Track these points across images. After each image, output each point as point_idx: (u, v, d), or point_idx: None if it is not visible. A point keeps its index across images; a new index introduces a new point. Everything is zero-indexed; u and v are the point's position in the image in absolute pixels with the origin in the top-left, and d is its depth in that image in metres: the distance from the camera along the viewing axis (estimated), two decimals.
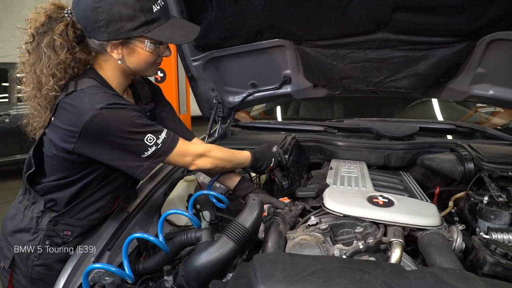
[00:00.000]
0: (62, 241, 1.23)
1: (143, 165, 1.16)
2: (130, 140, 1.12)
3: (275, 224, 1.23)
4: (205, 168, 1.32)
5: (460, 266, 1.01)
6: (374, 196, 1.26)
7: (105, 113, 1.08)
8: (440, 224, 1.15)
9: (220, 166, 1.35)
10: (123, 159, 1.15)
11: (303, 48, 1.79)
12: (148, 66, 1.21)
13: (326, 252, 1.13)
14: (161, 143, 1.16)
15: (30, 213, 1.23)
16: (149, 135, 1.14)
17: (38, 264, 1.22)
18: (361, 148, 1.91)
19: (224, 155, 1.35)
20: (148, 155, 1.15)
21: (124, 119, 1.11)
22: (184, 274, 1.11)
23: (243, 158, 1.42)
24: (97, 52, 1.19)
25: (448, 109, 2.91)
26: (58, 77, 1.14)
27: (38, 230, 1.21)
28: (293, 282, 0.94)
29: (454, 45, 1.60)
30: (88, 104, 1.08)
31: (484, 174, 1.51)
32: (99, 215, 1.29)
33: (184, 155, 1.25)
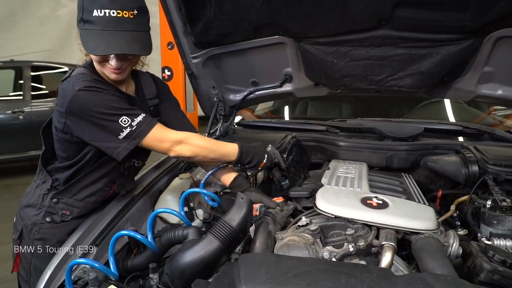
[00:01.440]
0: (61, 220, 1.33)
1: (119, 146, 1.21)
2: (105, 121, 1.18)
3: (264, 224, 1.20)
4: (185, 155, 1.30)
5: (453, 272, 0.96)
6: (368, 198, 1.22)
7: (82, 94, 1.17)
8: (435, 228, 1.10)
9: (202, 155, 1.32)
10: (101, 139, 1.21)
11: (303, 45, 1.75)
12: (98, 64, 1.25)
13: (315, 254, 1.10)
14: (136, 125, 1.20)
15: (40, 190, 1.36)
16: (124, 117, 1.20)
17: (38, 238, 1.32)
18: (362, 148, 1.86)
19: (205, 144, 1.34)
20: (124, 136, 1.19)
21: (100, 101, 1.18)
22: (169, 273, 1.09)
23: (228, 150, 1.38)
24: None
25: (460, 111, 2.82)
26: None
27: (42, 206, 1.33)
28: (276, 284, 0.92)
29: (460, 43, 1.54)
30: (71, 86, 1.19)
31: (488, 177, 1.45)
32: (96, 198, 1.36)
33: (162, 140, 1.25)
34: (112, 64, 1.22)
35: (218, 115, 2.22)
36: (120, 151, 1.21)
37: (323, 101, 3.46)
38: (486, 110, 2.82)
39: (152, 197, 1.56)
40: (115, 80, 1.29)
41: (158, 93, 1.47)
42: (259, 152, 1.45)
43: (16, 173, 5.55)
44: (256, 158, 1.42)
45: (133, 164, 1.41)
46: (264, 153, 1.46)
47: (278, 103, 3.52)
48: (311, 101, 3.52)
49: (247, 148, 1.41)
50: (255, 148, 1.44)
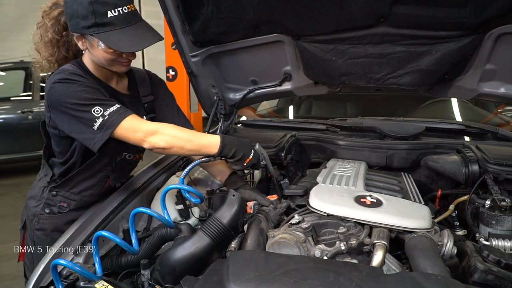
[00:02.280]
0: (59, 211, 1.38)
1: (95, 137, 1.21)
2: (79, 112, 1.20)
3: (256, 221, 1.19)
4: (159, 146, 1.24)
5: (445, 272, 0.94)
6: (362, 196, 1.21)
7: (56, 86, 1.22)
8: (429, 227, 1.08)
9: (178, 145, 1.25)
10: (78, 131, 1.23)
11: (301, 43, 1.74)
12: (109, 62, 1.29)
13: (307, 252, 1.09)
14: (108, 115, 1.20)
15: (41, 183, 1.42)
16: (97, 107, 1.20)
17: (38, 228, 1.38)
18: (362, 147, 1.84)
19: (181, 134, 1.27)
20: (97, 126, 1.20)
21: (72, 92, 1.21)
22: (160, 269, 1.10)
23: (208, 141, 1.29)
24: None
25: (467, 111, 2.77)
26: (50, 52, 1.34)
27: (42, 198, 1.39)
28: (263, 281, 0.91)
29: (460, 39, 1.51)
30: (49, 81, 1.25)
31: (488, 176, 1.42)
32: (92, 192, 1.40)
33: (135, 130, 1.23)
34: (130, 57, 1.31)
35: (218, 114, 2.22)
36: (95, 142, 1.21)
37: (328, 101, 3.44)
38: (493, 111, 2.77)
39: (149, 194, 1.56)
40: (124, 72, 1.35)
41: (153, 90, 1.47)
42: (245, 146, 1.34)
43: (24, 172, 5.64)
44: (240, 152, 1.31)
45: (124, 157, 1.42)
46: (250, 148, 1.35)
47: (282, 103, 3.51)
48: (315, 101, 3.51)
49: (230, 140, 1.31)
50: (240, 141, 1.34)
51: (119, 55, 1.27)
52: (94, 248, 1.08)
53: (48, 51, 1.33)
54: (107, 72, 1.35)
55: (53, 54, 1.34)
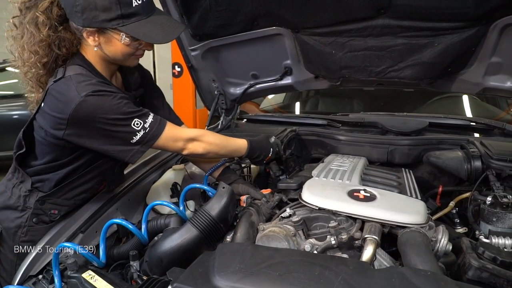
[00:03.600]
0: (50, 219, 1.27)
1: (133, 149, 1.16)
2: (117, 126, 1.12)
3: (247, 214, 1.18)
4: (198, 152, 1.28)
5: (436, 268, 0.91)
6: (355, 190, 1.18)
7: (91, 100, 1.08)
8: (423, 222, 1.05)
9: (214, 152, 1.31)
10: (112, 144, 1.15)
11: (301, 36, 1.71)
12: (126, 56, 1.21)
13: (296, 246, 1.07)
14: (148, 127, 1.16)
15: (18, 191, 1.26)
16: (136, 119, 1.14)
17: (25, 240, 1.25)
18: (362, 143, 1.81)
19: (217, 140, 1.32)
20: (137, 140, 1.15)
21: (110, 106, 1.10)
22: (148, 260, 1.09)
23: (238, 145, 1.38)
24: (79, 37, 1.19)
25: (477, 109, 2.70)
26: (41, 54, 1.15)
27: (26, 208, 1.25)
28: (248, 274, 0.89)
29: (463, 31, 1.46)
30: (75, 91, 1.08)
31: (490, 172, 1.37)
32: (85, 195, 1.33)
33: (175, 139, 1.23)
34: (148, 49, 1.24)
35: (220, 109, 2.21)
36: (133, 154, 1.17)
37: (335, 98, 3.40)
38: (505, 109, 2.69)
39: (144, 187, 1.56)
40: (135, 65, 1.30)
41: (142, 81, 1.42)
42: (266, 146, 1.46)
43: None
44: (263, 153, 1.44)
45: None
46: (269, 146, 1.48)
47: (288, 99, 3.49)
48: (322, 97, 3.47)
49: (256, 144, 1.42)
50: (261, 143, 1.45)
51: (138, 48, 1.19)
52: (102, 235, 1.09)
53: (41, 52, 1.15)
54: (113, 69, 1.27)
55: (46, 55, 1.16)
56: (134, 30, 1.12)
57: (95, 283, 0.97)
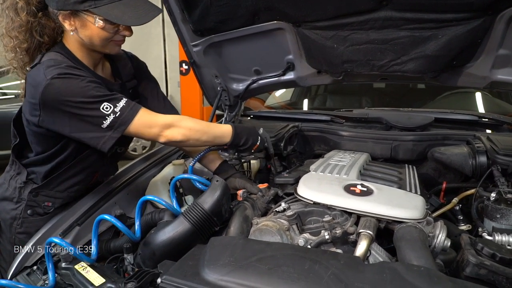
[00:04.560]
0: (44, 212, 1.28)
1: (104, 136, 1.11)
2: (85, 110, 1.09)
3: (241, 208, 1.17)
4: (176, 139, 1.19)
5: (431, 264, 0.88)
6: (352, 185, 1.15)
7: (56, 83, 1.07)
8: (421, 218, 1.02)
9: (194, 138, 1.22)
10: (83, 130, 1.12)
11: (302, 30, 1.69)
12: (103, 42, 1.18)
13: (290, 241, 1.05)
14: (119, 111, 1.11)
15: (14, 183, 1.29)
16: (106, 103, 1.10)
17: (21, 232, 1.28)
18: (366, 138, 1.77)
19: (197, 126, 1.23)
20: (108, 125, 1.10)
21: (76, 88, 1.08)
22: (141, 253, 1.09)
23: (221, 131, 1.29)
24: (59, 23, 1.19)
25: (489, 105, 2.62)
26: (20, 39, 1.17)
27: (20, 199, 1.27)
28: (237, 267, 0.89)
29: (468, 22, 1.41)
30: (43, 75, 1.08)
31: (495, 167, 1.32)
32: (78, 187, 1.32)
33: (150, 125, 1.15)
34: (126, 34, 1.20)
35: (223, 105, 2.20)
36: (105, 141, 1.12)
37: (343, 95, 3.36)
38: None
39: (144, 182, 1.56)
40: (116, 53, 1.26)
41: (136, 73, 1.41)
42: (253, 133, 1.37)
43: None
44: (250, 140, 1.33)
45: (115, 151, 1.36)
46: (257, 135, 1.38)
47: (296, 97, 3.46)
48: (330, 94, 3.43)
49: (241, 129, 1.33)
50: (248, 129, 1.37)
51: (115, 32, 1.17)
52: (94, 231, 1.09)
53: (20, 37, 1.16)
54: (95, 58, 1.26)
55: (26, 41, 1.17)
56: (107, 12, 1.10)
57: (87, 274, 0.98)
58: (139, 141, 5.62)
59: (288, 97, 3.46)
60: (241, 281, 0.84)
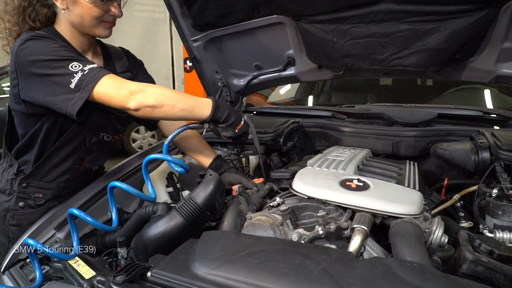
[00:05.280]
0: (36, 203, 1.28)
1: (74, 97, 1.07)
2: (54, 69, 1.08)
3: (235, 203, 1.15)
4: (148, 104, 1.08)
5: (426, 260, 0.86)
6: (348, 179, 1.13)
7: (29, 43, 1.10)
8: (417, 213, 0.99)
9: (169, 104, 1.10)
10: (54, 93, 1.09)
11: (302, 24, 1.66)
12: (94, 21, 1.19)
13: (284, 236, 1.03)
14: (88, 70, 1.08)
15: (7, 175, 1.30)
16: (75, 62, 1.09)
17: (13, 224, 1.29)
18: (367, 134, 1.74)
19: (170, 92, 1.14)
20: (76, 83, 1.07)
21: (47, 47, 1.10)
22: (134, 247, 1.09)
23: (200, 102, 1.17)
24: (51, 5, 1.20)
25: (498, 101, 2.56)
26: (12, 22, 1.21)
27: (12, 191, 1.28)
28: (227, 261, 0.87)
29: (471, 14, 1.37)
30: (19, 40, 1.12)
31: (498, 163, 1.29)
32: (67, 177, 1.31)
33: (119, 87, 1.09)
34: (115, 13, 1.20)
35: (224, 101, 2.19)
36: (75, 102, 1.07)
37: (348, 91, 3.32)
38: None
39: (142, 177, 1.56)
40: (107, 36, 1.25)
41: (131, 67, 1.41)
42: (235, 112, 1.23)
43: None
44: (232, 117, 1.19)
45: (102, 138, 1.34)
46: (240, 116, 1.25)
47: (301, 94, 3.43)
48: (335, 91, 3.40)
49: (221, 103, 1.21)
50: (230, 107, 1.24)
51: (106, 11, 1.18)
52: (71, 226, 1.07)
53: (12, 20, 1.20)
54: (85, 42, 1.26)
55: (17, 24, 1.20)
56: None
57: (78, 267, 0.98)
58: (145, 138, 5.66)
59: (292, 95, 3.43)
60: (230, 275, 0.83)
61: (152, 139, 5.68)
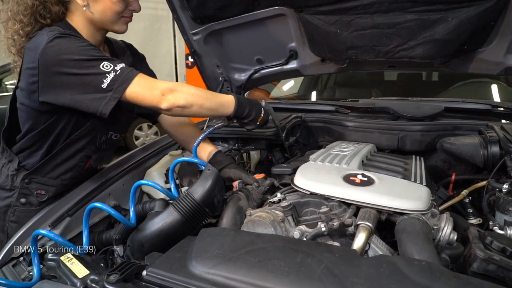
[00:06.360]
0: (37, 200, 1.25)
1: (106, 97, 1.06)
2: (85, 68, 1.06)
3: (235, 199, 1.12)
4: (179, 104, 1.10)
5: (434, 258, 0.81)
6: (352, 174, 1.09)
7: (57, 41, 1.06)
8: (425, 209, 0.95)
9: (198, 104, 1.13)
10: (83, 92, 1.07)
11: (304, 16, 1.62)
12: (115, 16, 1.20)
13: (285, 233, 0.99)
14: (119, 70, 1.07)
15: (6, 171, 1.26)
16: (106, 62, 1.07)
17: (13, 220, 1.25)
18: (371, 129, 1.69)
19: (199, 91, 1.17)
20: (108, 83, 1.06)
21: (77, 47, 1.07)
22: (130, 245, 1.05)
23: (225, 99, 1.22)
24: (67, 1, 1.18)
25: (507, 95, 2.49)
26: (25, 22, 1.16)
27: (14, 187, 1.24)
28: (225, 260, 0.84)
29: (480, 3, 1.32)
30: (45, 36, 1.08)
31: (508, 157, 1.24)
32: (72, 174, 1.29)
33: (151, 87, 1.10)
34: (135, 7, 1.22)
35: None
36: (107, 101, 1.06)
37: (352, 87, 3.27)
38: None
39: (140, 173, 1.53)
40: (124, 31, 1.26)
41: (134, 62, 1.39)
42: (256, 104, 1.29)
43: None
44: (254, 111, 1.26)
45: (110, 137, 1.33)
46: (260, 106, 1.30)
47: (304, 90, 3.38)
48: (339, 87, 3.34)
49: (243, 99, 1.26)
50: (250, 100, 1.29)
51: (126, 6, 1.20)
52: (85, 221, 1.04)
53: (25, 20, 1.15)
54: (99, 38, 1.25)
55: (30, 24, 1.15)
56: None
57: (72, 266, 0.94)
58: (148, 136, 5.63)
59: (295, 91, 3.38)
60: (229, 274, 0.79)
61: (155, 136, 5.65)
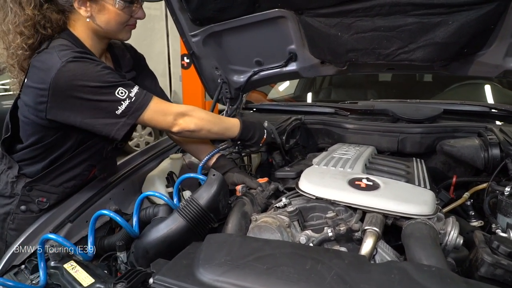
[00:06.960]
0: (38, 208, 1.22)
1: (119, 122, 1.08)
2: (100, 95, 1.06)
3: (240, 204, 1.11)
4: (189, 129, 1.19)
5: (443, 263, 0.82)
6: (357, 178, 1.09)
7: (72, 66, 1.04)
8: (431, 213, 0.95)
9: (206, 128, 1.23)
10: (96, 117, 1.08)
11: (305, 18, 1.61)
12: (119, 26, 1.18)
13: (291, 238, 0.99)
14: (134, 96, 1.09)
15: (6, 177, 1.24)
16: (121, 88, 1.08)
17: (12, 228, 1.22)
18: (371, 131, 1.70)
19: (209, 116, 1.26)
20: (123, 110, 1.08)
21: (92, 73, 1.06)
22: (134, 251, 1.04)
23: (231, 123, 1.32)
24: (68, 11, 1.15)
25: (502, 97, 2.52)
26: (26, 35, 1.12)
27: (14, 194, 1.22)
28: (233, 267, 0.83)
29: (480, 7, 1.33)
30: (57, 57, 1.05)
31: (509, 160, 1.25)
32: (75, 182, 1.27)
33: (164, 113, 1.16)
34: (139, 15, 1.21)
35: (224, 98, 2.14)
36: (119, 128, 1.09)
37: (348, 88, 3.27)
38: None
39: (140, 177, 1.51)
40: (128, 39, 1.26)
41: (135, 65, 1.38)
42: (259, 127, 1.39)
43: None
44: (257, 134, 1.36)
45: (115, 146, 1.32)
46: (263, 128, 1.41)
47: (300, 90, 3.38)
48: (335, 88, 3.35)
49: (248, 123, 1.35)
50: (254, 123, 1.39)
51: (131, 15, 1.19)
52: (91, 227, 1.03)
53: (26, 32, 1.10)
54: (103, 47, 1.24)
55: (32, 36, 1.11)
56: None
57: (76, 274, 0.93)
58: (142, 136, 5.59)
59: (291, 91, 3.38)
60: (238, 282, 0.78)
61: (149, 137, 5.61)
